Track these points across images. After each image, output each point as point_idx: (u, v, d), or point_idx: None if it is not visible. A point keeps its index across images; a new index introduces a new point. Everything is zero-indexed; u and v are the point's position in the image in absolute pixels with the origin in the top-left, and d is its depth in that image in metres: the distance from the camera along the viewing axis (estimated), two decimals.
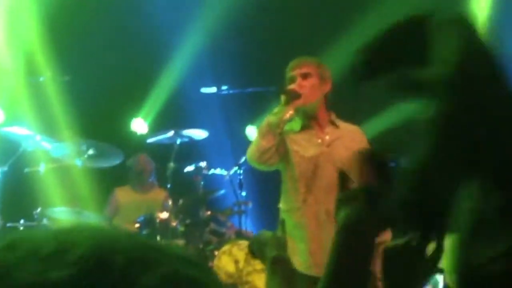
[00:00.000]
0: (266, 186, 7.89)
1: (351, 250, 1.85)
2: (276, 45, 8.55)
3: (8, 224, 7.04)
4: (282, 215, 5.25)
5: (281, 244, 2.71)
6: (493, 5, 8.57)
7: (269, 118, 5.20)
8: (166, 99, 8.71)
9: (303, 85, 5.24)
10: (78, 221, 7.17)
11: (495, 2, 8.56)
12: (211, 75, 8.28)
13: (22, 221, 7.11)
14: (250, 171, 7.42)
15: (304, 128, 5.31)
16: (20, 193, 7.38)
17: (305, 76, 5.30)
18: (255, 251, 2.77)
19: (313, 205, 5.15)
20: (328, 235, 5.07)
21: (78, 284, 0.67)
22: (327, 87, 5.34)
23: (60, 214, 7.18)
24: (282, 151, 5.23)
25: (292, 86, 5.24)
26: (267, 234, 2.77)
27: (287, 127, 5.29)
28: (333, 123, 5.41)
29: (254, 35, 8.73)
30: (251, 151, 5.23)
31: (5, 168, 7.18)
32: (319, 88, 5.31)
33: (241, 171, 7.38)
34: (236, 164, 7.43)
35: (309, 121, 5.34)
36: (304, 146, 5.28)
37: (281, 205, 5.34)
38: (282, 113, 5.17)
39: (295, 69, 5.37)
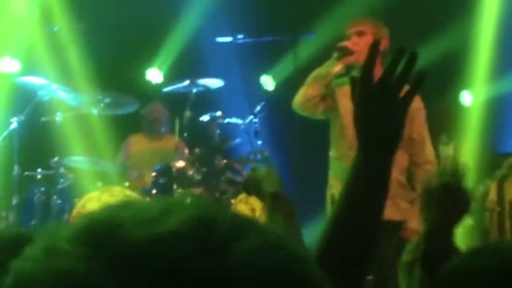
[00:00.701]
0: (282, 135, 8.03)
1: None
2: None
3: (26, 173, 7.12)
4: (332, 162, 5.51)
5: (277, 181, 2.61)
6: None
7: (319, 70, 5.43)
8: (181, 49, 8.60)
9: (356, 42, 5.40)
10: (95, 169, 7.28)
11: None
12: (226, 24, 8.28)
13: (39, 170, 7.16)
14: (266, 120, 7.59)
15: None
16: (37, 142, 7.44)
17: (360, 34, 5.46)
18: (250, 188, 2.67)
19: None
20: None
21: (180, 243, 0.69)
22: (382, 46, 5.32)
23: (77, 163, 7.25)
24: (330, 102, 5.47)
25: (344, 43, 5.41)
26: (261, 171, 2.68)
27: (336, 81, 5.45)
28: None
29: None
30: (297, 97, 5.46)
31: (22, 118, 7.12)
32: (379, 51, 5.38)
33: (257, 120, 7.36)
34: (252, 113, 7.41)
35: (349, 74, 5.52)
36: (340, 100, 5.45)
37: (331, 153, 5.51)
38: (332, 67, 5.38)
39: (351, 27, 5.53)
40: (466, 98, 8.21)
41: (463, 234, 6.39)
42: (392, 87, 1.86)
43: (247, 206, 6.69)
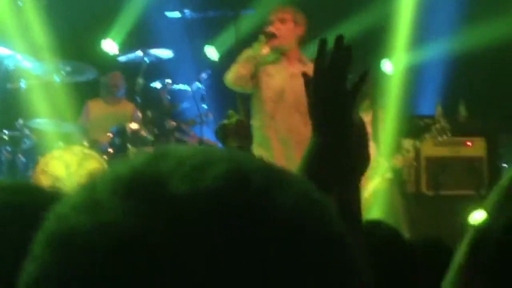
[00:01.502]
0: (225, 100, 7.92)
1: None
2: None
3: None
4: (255, 131, 5.50)
5: (244, 133, 2.54)
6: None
7: (248, 51, 5.79)
8: (134, 21, 8.60)
9: (279, 27, 5.81)
10: (57, 130, 7.24)
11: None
12: None
13: (5, 131, 7.05)
14: (210, 86, 7.60)
15: (276, 62, 5.91)
16: (3, 106, 7.24)
17: (282, 21, 5.88)
18: (220, 139, 2.62)
19: (277, 123, 5.87)
20: (288, 146, 5.59)
21: (224, 196, 0.66)
22: (300, 31, 5.95)
23: (40, 125, 7.16)
24: (255, 79, 5.84)
25: (269, 28, 5.81)
26: (230, 122, 2.56)
27: (262, 60, 5.83)
28: (300, 61, 5.98)
29: None
30: (230, 75, 5.85)
31: None
32: (293, 31, 5.92)
33: (203, 86, 7.39)
34: (198, 80, 7.44)
35: (282, 57, 5.95)
36: (273, 76, 5.86)
37: (253, 123, 5.77)
38: (260, 49, 5.72)
39: (274, 14, 5.95)
40: (387, 66, 8.22)
41: (383, 187, 6.56)
42: (339, 87, 1.84)
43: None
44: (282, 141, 5.90)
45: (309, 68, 5.98)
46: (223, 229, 0.65)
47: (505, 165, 7.41)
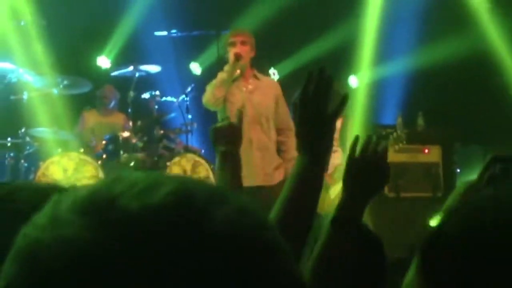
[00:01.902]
0: (207, 111, 8.10)
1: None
2: None
3: None
4: None
5: (232, 137, 2.44)
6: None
7: (223, 75, 5.82)
8: (125, 40, 8.56)
9: (242, 49, 5.79)
10: (55, 138, 7.17)
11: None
12: (162, 20, 8.19)
13: (9, 139, 7.10)
14: (194, 98, 7.41)
15: (235, 80, 5.88)
16: (7, 116, 7.25)
17: (243, 43, 5.86)
18: (211, 140, 2.47)
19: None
20: (248, 156, 5.38)
21: (169, 212, 0.66)
22: (253, 53, 5.95)
23: (41, 133, 7.15)
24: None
25: (238, 50, 5.77)
26: (222, 125, 2.45)
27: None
28: (255, 77, 6.01)
29: None
30: (207, 98, 5.88)
31: None
32: (250, 52, 5.91)
33: (187, 98, 7.37)
34: (183, 93, 7.43)
35: (240, 75, 5.93)
36: (233, 93, 5.85)
37: None
38: (233, 71, 5.79)
39: (236, 36, 5.91)
40: (353, 81, 8.28)
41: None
42: (322, 110, 1.89)
43: (180, 167, 6.92)
44: (245, 150, 5.84)
45: (263, 82, 6.16)
46: (166, 244, 0.65)
47: (458, 170, 7.38)
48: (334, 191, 6.19)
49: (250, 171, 5.36)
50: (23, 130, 7.08)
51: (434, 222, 1.86)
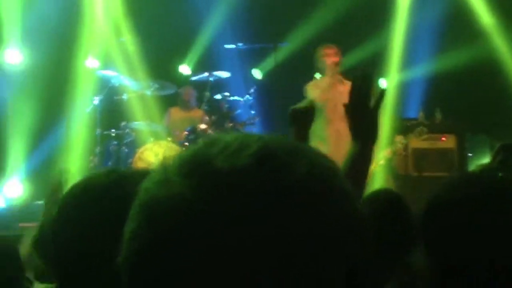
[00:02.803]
0: (268, 107, 8.03)
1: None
2: (274, 12, 8.38)
3: (104, 132, 7.13)
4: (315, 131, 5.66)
5: (304, 120, 2.11)
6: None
7: (327, 79, 5.74)
8: (202, 51, 8.53)
9: (336, 59, 5.84)
10: (148, 130, 7.22)
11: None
12: (231, 35, 8.11)
13: (113, 130, 7.15)
14: (256, 98, 7.49)
15: (329, 84, 5.81)
16: (111, 112, 7.33)
17: (336, 54, 5.88)
18: (289, 122, 2.13)
19: (333, 125, 5.74)
20: (338, 144, 5.41)
21: (253, 171, 0.64)
22: (341, 62, 5.93)
23: (137, 125, 7.20)
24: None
25: (335, 60, 5.84)
26: (298, 107, 2.12)
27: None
28: (340, 81, 5.90)
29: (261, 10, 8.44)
30: (314, 96, 5.62)
31: (101, 96, 7.20)
32: (339, 66, 5.88)
33: (251, 98, 7.38)
34: (247, 93, 7.44)
35: (332, 81, 5.86)
36: (328, 93, 5.79)
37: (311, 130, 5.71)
38: (333, 76, 5.79)
39: (330, 49, 5.88)
40: (383, 83, 8.14)
41: (379, 170, 6.48)
42: (367, 104, 1.79)
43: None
44: (336, 139, 5.71)
45: (347, 85, 6.01)
46: (251, 198, 0.62)
47: (470, 154, 7.28)
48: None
49: (339, 155, 5.38)
50: (123, 123, 7.17)
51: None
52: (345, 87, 5.88)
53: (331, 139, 5.73)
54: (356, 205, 0.68)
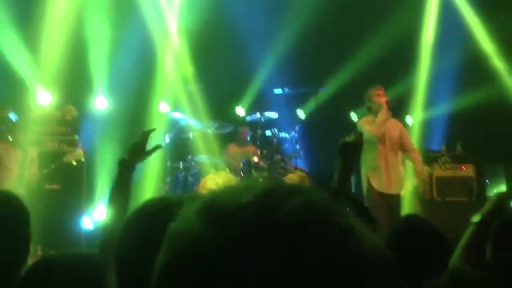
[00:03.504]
0: (310, 143, 8.01)
1: None
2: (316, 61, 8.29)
3: (174, 164, 7.15)
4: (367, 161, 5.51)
5: (355, 151, 1.99)
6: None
7: (383, 116, 5.53)
8: (255, 96, 8.60)
9: (386, 99, 5.62)
10: (210, 162, 7.18)
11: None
12: (279, 82, 8.04)
13: (181, 163, 7.16)
14: (300, 134, 7.39)
15: (382, 120, 5.61)
16: (179, 148, 7.36)
17: (385, 95, 5.69)
18: (338, 152, 1.95)
19: (383, 156, 5.58)
20: (387, 172, 5.40)
21: (253, 208, 0.61)
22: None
23: (201, 159, 7.22)
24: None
25: (386, 100, 5.61)
26: (349, 140, 1.99)
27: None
28: (389, 118, 5.72)
29: (306, 59, 8.39)
30: (374, 132, 5.50)
31: (171, 134, 7.26)
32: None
33: (296, 134, 7.31)
34: (293, 130, 7.37)
35: (385, 117, 5.65)
36: (380, 129, 5.58)
37: (363, 158, 5.51)
38: (387, 114, 5.57)
39: (381, 90, 5.70)
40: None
41: (408, 196, 6.40)
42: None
43: (291, 181, 6.84)
44: (384, 168, 5.58)
45: (392, 121, 5.75)
46: (249, 231, 0.60)
47: (487, 181, 7.31)
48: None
49: (390, 181, 5.25)
50: (189, 157, 7.21)
51: (475, 218, 1.91)
52: (392, 123, 5.73)
53: (382, 168, 5.59)
54: (359, 241, 0.62)
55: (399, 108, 5.75)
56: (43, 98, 6.84)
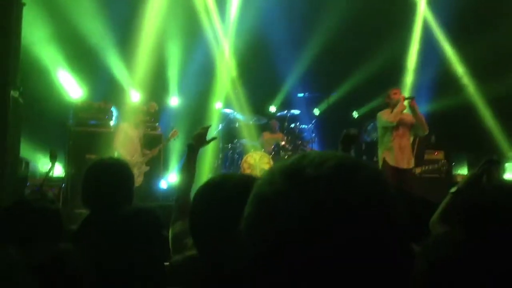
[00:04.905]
0: (323, 133, 7.78)
1: None
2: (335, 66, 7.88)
3: (224, 145, 6.93)
4: (384, 143, 5.13)
5: (350, 142, 1.87)
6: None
7: (400, 108, 5.01)
8: (283, 97, 8.38)
9: (401, 95, 5.18)
10: (250, 145, 7.04)
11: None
12: (301, 87, 7.87)
13: (229, 144, 6.97)
14: (316, 126, 7.25)
15: (399, 111, 5.16)
16: (229, 134, 7.27)
17: (401, 92, 5.27)
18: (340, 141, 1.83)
19: (396, 139, 5.20)
20: (399, 153, 5.04)
21: (328, 179, 0.57)
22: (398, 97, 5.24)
23: (244, 142, 7.12)
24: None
25: (401, 95, 5.12)
26: (350, 133, 1.87)
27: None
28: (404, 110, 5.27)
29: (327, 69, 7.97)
30: (391, 120, 5.04)
31: (223, 124, 7.13)
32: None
33: (312, 126, 7.21)
34: (311, 123, 7.28)
35: (401, 109, 5.18)
36: (396, 118, 5.12)
37: (380, 141, 5.24)
38: (403, 106, 5.04)
39: (398, 90, 5.28)
40: None
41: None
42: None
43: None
44: (399, 148, 5.16)
45: (406, 113, 5.10)
46: (331, 195, 0.56)
47: (453, 163, 7.14)
48: None
49: (400, 159, 5.04)
50: (235, 140, 7.14)
51: (452, 189, 1.70)
52: (406, 114, 5.31)
53: (395, 148, 5.20)
54: (401, 212, 0.60)
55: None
56: (134, 96, 6.93)
